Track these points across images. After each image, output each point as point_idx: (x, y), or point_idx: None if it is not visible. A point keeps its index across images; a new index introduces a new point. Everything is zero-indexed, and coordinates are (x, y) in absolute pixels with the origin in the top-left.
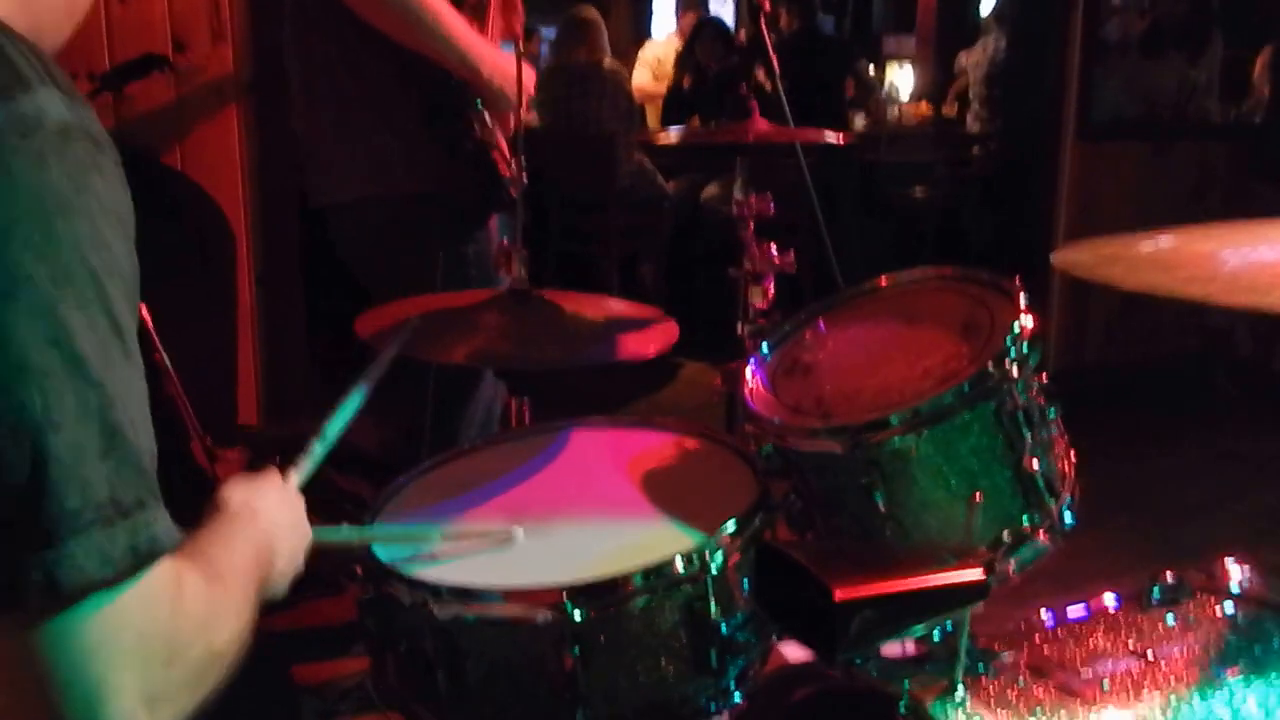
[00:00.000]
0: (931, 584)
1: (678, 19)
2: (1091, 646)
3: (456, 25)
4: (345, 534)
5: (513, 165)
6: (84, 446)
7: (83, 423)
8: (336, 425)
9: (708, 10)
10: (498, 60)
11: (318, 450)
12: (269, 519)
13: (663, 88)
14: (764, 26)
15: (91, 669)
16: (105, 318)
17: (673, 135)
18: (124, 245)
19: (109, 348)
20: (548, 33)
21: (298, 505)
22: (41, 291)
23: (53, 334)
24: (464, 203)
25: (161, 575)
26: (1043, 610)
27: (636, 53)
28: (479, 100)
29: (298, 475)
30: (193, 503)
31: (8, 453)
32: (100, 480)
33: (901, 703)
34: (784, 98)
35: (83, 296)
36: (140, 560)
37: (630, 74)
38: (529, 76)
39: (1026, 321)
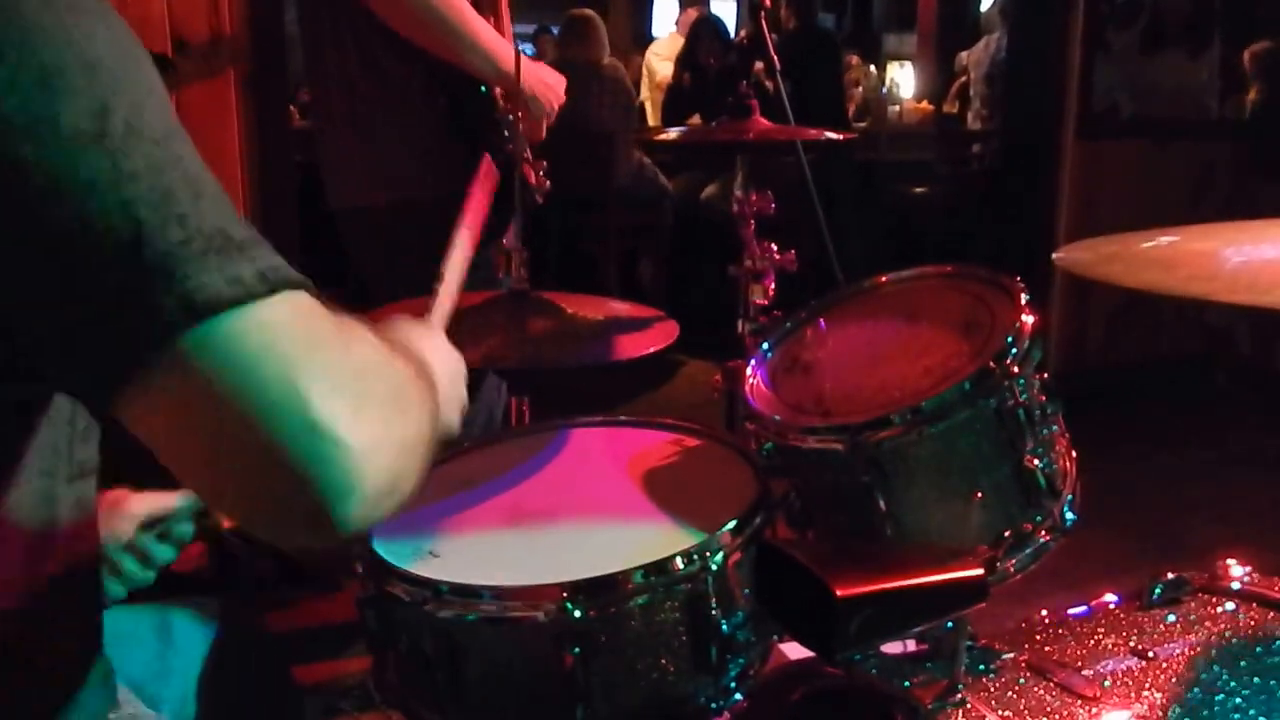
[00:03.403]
0: (932, 583)
1: (680, 14)
2: (1092, 645)
3: (486, 33)
4: None
5: (538, 173)
6: (170, 190)
7: (160, 172)
8: (456, 262)
9: (709, 7)
10: (526, 64)
11: (443, 293)
12: (419, 341)
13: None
14: (764, 24)
15: (273, 370)
16: (151, 94)
17: (673, 133)
18: (148, 62)
19: (161, 119)
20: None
21: (438, 335)
22: (82, 71)
23: (102, 103)
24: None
25: (312, 300)
26: (1044, 609)
27: (637, 52)
28: (508, 116)
29: (436, 318)
30: None
31: (95, 212)
32: (199, 217)
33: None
34: (785, 96)
35: (125, 77)
36: (275, 285)
37: (629, 73)
38: (557, 84)
39: (1027, 319)
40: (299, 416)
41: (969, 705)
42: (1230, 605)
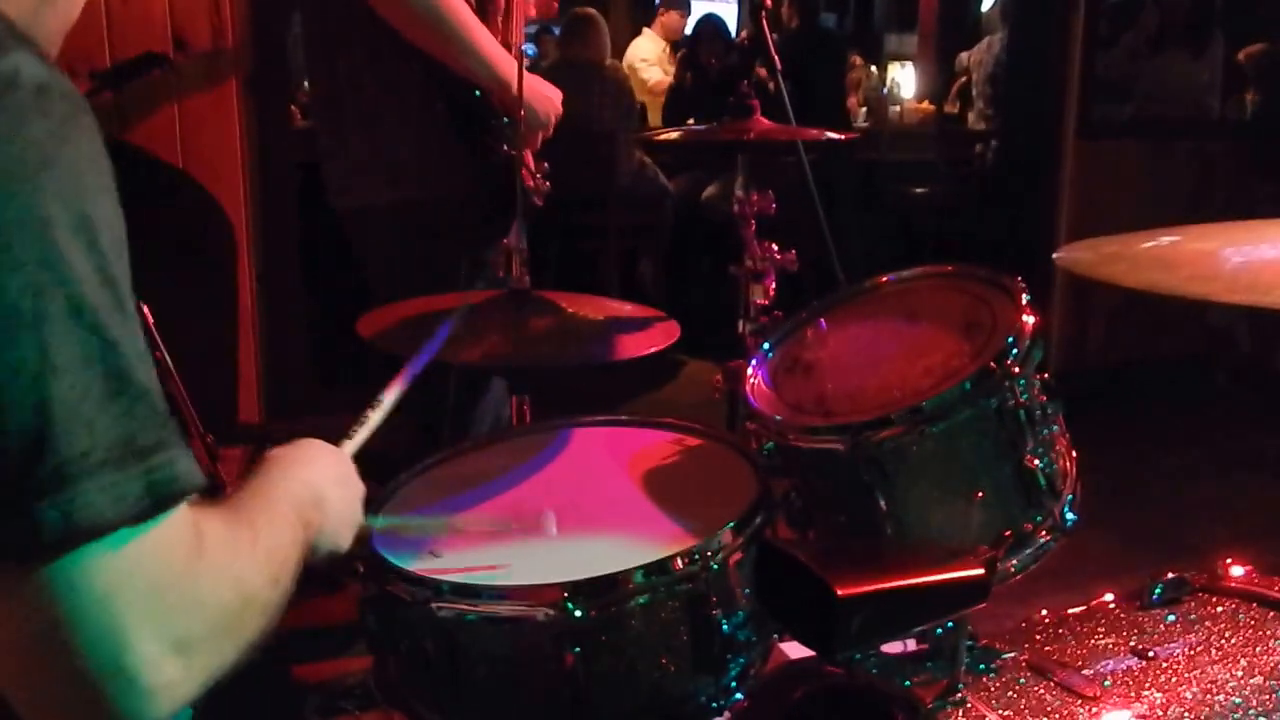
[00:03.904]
0: (933, 582)
1: (659, 14)
2: (1093, 645)
3: (486, 41)
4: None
5: (537, 176)
6: (89, 389)
7: (86, 365)
8: (393, 394)
9: (688, 9)
10: (525, 76)
11: (374, 419)
12: (312, 471)
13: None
14: (765, 24)
15: (108, 614)
16: (96, 268)
17: (674, 133)
18: (110, 200)
19: (104, 295)
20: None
21: (345, 461)
22: (29, 242)
23: (43, 282)
24: (489, 210)
25: (178, 522)
26: (1044, 609)
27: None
28: (505, 118)
29: (350, 444)
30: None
31: (10, 402)
32: (110, 422)
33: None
34: (786, 96)
35: (71, 245)
36: (159, 502)
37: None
38: (555, 96)
39: (1028, 319)
40: (114, 661)
41: (969, 705)
42: (1230, 605)
